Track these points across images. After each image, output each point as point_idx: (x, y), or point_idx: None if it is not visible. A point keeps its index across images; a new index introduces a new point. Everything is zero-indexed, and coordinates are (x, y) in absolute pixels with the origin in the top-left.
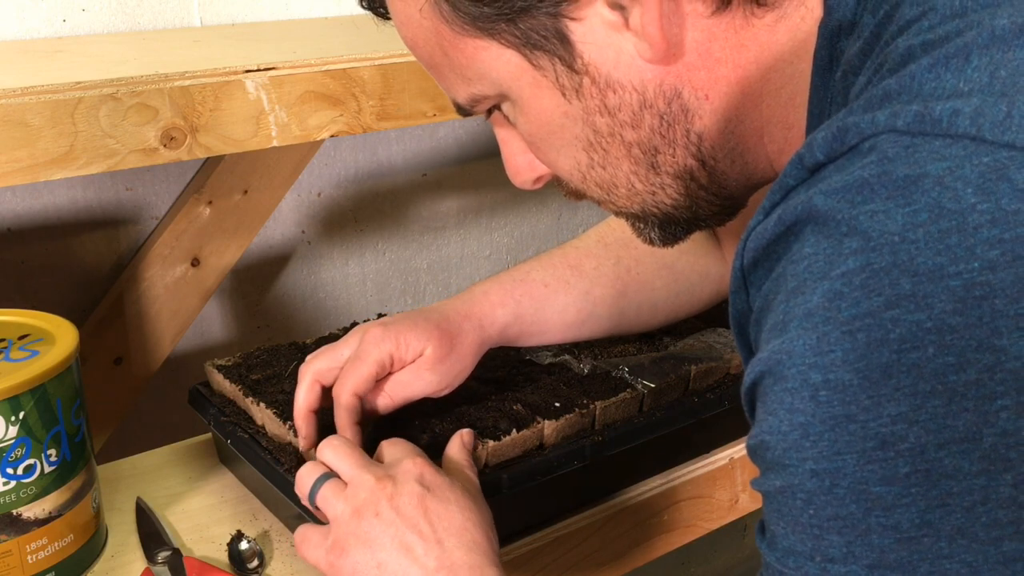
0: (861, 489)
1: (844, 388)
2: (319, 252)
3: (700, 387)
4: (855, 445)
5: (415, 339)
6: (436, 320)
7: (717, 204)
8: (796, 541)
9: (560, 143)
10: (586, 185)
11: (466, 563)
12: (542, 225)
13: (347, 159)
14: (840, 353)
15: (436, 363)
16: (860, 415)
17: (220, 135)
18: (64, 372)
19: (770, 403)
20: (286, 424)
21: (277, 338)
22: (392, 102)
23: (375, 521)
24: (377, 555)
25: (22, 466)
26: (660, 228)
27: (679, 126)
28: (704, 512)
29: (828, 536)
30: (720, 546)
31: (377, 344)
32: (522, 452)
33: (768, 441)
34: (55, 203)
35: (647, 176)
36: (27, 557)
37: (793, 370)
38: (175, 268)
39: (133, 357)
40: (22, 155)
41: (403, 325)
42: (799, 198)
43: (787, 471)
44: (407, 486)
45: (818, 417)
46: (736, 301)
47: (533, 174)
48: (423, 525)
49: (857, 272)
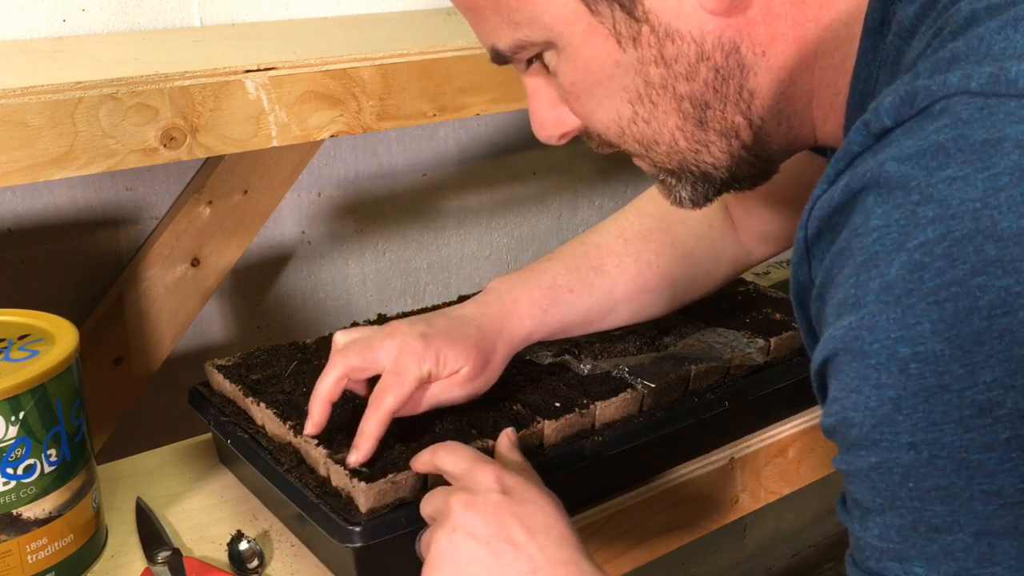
0: (962, 458)
1: (936, 359)
2: (319, 252)
3: (700, 387)
4: (952, 415)
5: (453, 358)
6: (474, 338)
7: (756, 166)
8: (895, 516)
9: (604, 94)
10: (623, 139)
11: (560, 559)
12: (542, 225)
13: (347, 159)
14: (928, 324)
15: (469, 381)
16: (955, 384)
17: (220, 135)
18: (64, 372)
19: (851, 380)
20: (286, 424)
21: (277, 338)
22: (392, 102)
23: (463, 538)
24: (467, 569)
25: (22, 466)
26: (693, 187)
27: (733, 81)
28: (704, 512)
29: (931, 507)
30: (720, 546)
31: (418, 362)
32: (522, 452)
33: (852, 418)
34: (55, 203)
35: (693, 132)
36: (27, 557)
37: (877, 345)
38: (175, 268)
39: (133, 357)
40: (22, 155)
41: (442, 341)
42: (867, 164)
43: (879, 447)
44: (487, 496)
45: (910, 390)
46: (798, 273)
47: (560, 129)
48: (512, 530)
49: (937, 241)
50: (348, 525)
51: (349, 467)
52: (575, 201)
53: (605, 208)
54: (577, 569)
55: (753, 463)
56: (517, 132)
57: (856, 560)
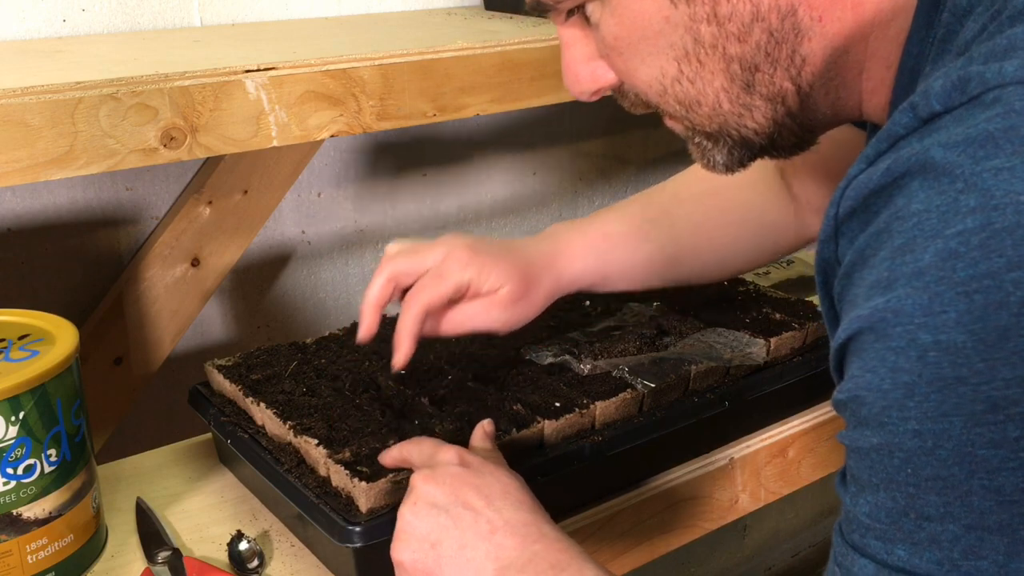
0: (966, 452)
1: (956, 350)
2: (319, 252)
3: (700, 387)
4: (964, 408)
5: (496, 275)
6: (521, 263)
7: (797, 135)
8: (888, 497)
9: (649, 51)
10: (664, 99)
11: (519, 520)
12: (542, 225)
13: (347, 159)
14: (954, 314)
15: (509, 304)
16: (972, 378)
17: (220, 135)
18: (64, 372)
19: (869, 360)
20: (286, 424)
21: (277, 338)
22: (392, 102)
23: (424, 508)
24: (431, 536)
25: (22, 466)
26: (728, 152)
27: (786, 45)
28: (704, 512)
29: (925, 495)
30: (720, 546)
31: (461, 268)
32: (522, 452)
33: (864, 397)
34: (55, 203)
35: (739, 95)
36: (27, 557)
37: (899, 329)
38: (175, 268)
39: (133, 357)
40: (22, 155)
41: (489, 257)
42: (912, 148)
43: (885, 429)
44: (446, 469)
45: (925, 378)
46: (824, 250)
47: (595, 85)
48: (469, 496)
49: (976, 231)
50: (348, 525)
51: (393, 371)
52: (575, 201)
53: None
54: (537, 530)
55: (753, 463)
56: (517, 132)
57: (843, 531)
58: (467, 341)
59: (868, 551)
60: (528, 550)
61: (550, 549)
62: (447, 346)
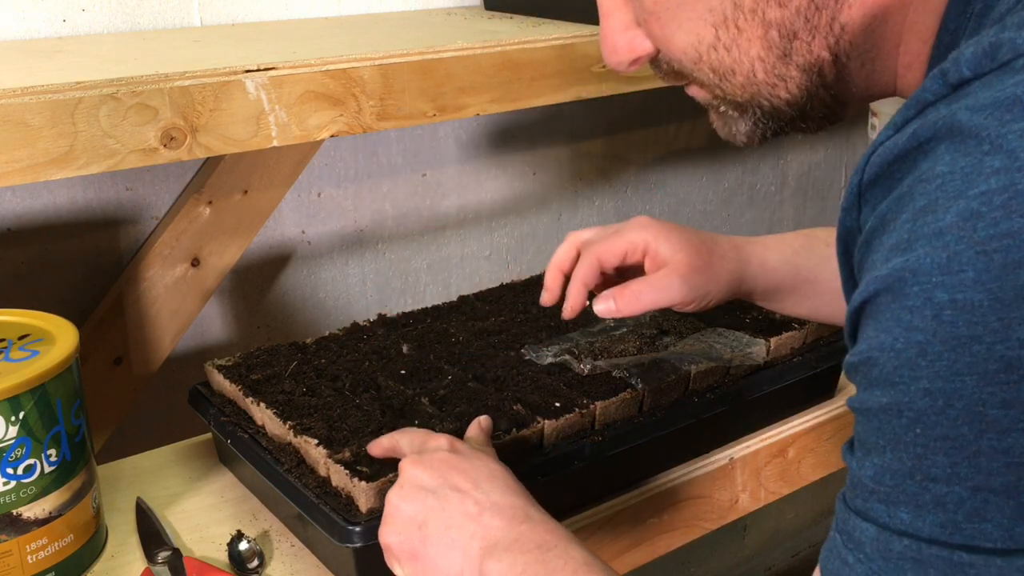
0: (977, 411)
1: (972, 309)
2: (319, 252)
3: (700, 387)
4: (977, 367)
5: (674, 240)
6: (704, 237)
7: (829, 107)
8: (894, 459)
9: (688, 16)
10: (699, 67)
11: (506, 503)
12: (542, 225)
13: (347, 159)
14: (972, 273)
15: (689, 272)
16: (987, 337)
17: (220, 135)
18: (64, 372)
19: (885, 320)
20: (286, 424)
21: (277, 338)
22: (392, 102)
23: (411, 490)
24: (417, 518)
25: (22, 466)
26: (754, 123)
27: (826, 12)
28: (704, 512)
29: (933, 456)
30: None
31: (639, 228)
32: (522, 452)
33: (877, 357)
34: (55, 203)
35: (775, 65)
36: (27, 557)
37: (916, 288)
38: (175, 268)
39: (133, 357)
40: (22, 155)
41: (669, 227)
42: (939, 113)
43: (896, 388)
44: (435, 455)
45: (939, 336)
46: (846, 219)
47: (632, 55)
48: (456, 479)
49: (999, 192)
50: (348, 525)
51: (564, 318)
52: (575, 201)
53: (605, 208)
54: (524, 512)
55: (753, 463)
56: (517, 132)
57: (847, 498)
58: (467, 341)
59: (870, 515)
60: (514, 530)
61: (536, 529)
62: (447, 346)
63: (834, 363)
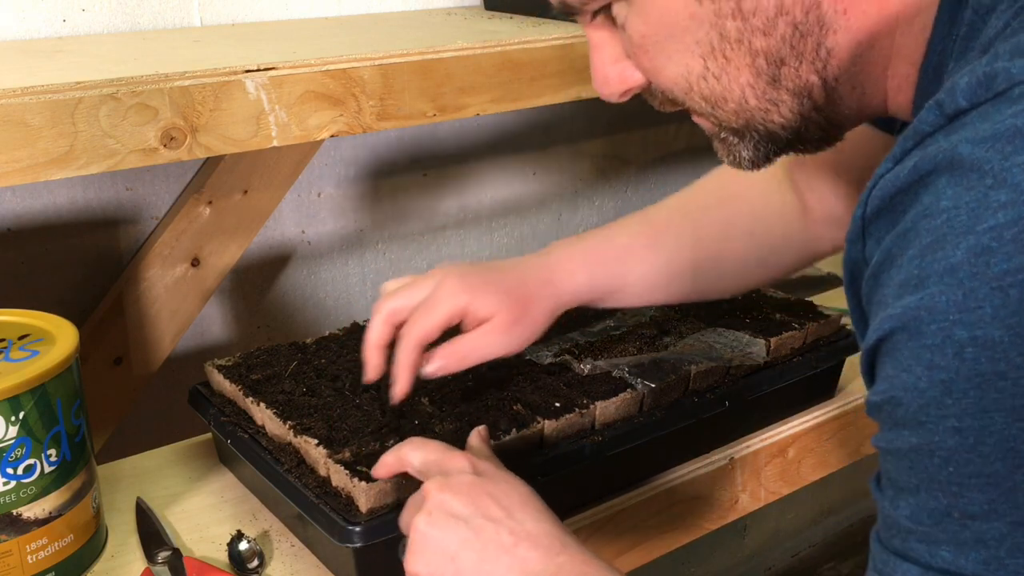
0: (1008, 447)
1: (994, 345)
2: (319, 252)
3: (700, 387)
4: (1005, 403)
5: (489, 300)
6: (514, 285)
7: (824, 129)
8: (930, 498)
9: (676, 48)
10: (690, 96)
11: (541, 531)
12: (542, 225)
13: (347, 159)
14: (990, 310)
15: (508, 327)
16: (1011, 373)
17: (220, 135)
18: (64, 372)
19: (904, 359)
20: (286, 424)
21: (277, 338)
22: (392, 102)
23: (442, 518)
24: (449, 549)
25: (22, 466)
26: (755, 147)
27: (811, 38)
28: (704, 512)
29: (968, 493)
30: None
31: (452, 296)
32: (522, 452)
33: (900, 397)
34: (55, 203)
35: (765, 90)
36: (27, 557)
37: (934, 327)
38: (175, 268)
39: (133, 357)
40: (22, 155)
41: (480, 282)
42: (938, 145)
43: (924, 428)
44: (460, 477)
45: (963, 374)
46: (851, 251)
47: (623, 86)
48: (489, 508)
49: (1008, 226)
50: (348, 525)
51: (392, 404)
52: (575, 201)
53: (605, 208)
54: (560, 541)
55: (753, 463)
56: (517, 132)
57: (882, 538)
58: None
59: (911, 555)
60: (552, 563)
61: (574, 561)
62: None
63: (834, 363)
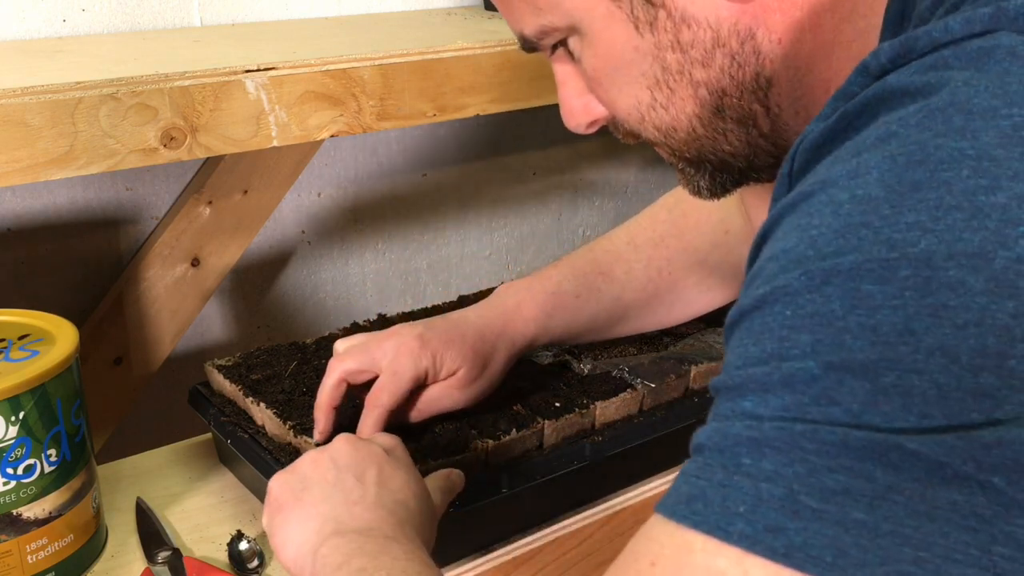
0: (851, 286)
1: (868, 200)
2: (319, 252)
3: (700, 387)
4: (862, 248)
5: (451, 359)
6: (472, 340)
7: (774, 156)
8: (756, 349)
9: (624, 80)
10: (644, 127)
11: (388, 510)
12: (542, 225)
13: (347, 159)
14: (876, 173)
15: (468, 383)
16: (876, 222)
17: (220, 135)
18: (64, 372)
19: (785, 227)
20: (286, 424)
21: (277, 338)
22: (392, 102)
23: (325, 459)
24: (307, 479)
25: (22, 466)
26: (711, 177)
27: (749, 68)
28: None
29: (796, 335)
30: None
31: (414, 361)
32: (522, 452)
33: (764, 265)
34: (55, 203)
35: (711, 120)
36: (27, 557)
37: (823, 195)
38: (175, 268)
39: (133, 357)
40: (22, 155)
41: (439, 342)
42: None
43: (775, 279)
44: (371, 443)
45: (832, 228)
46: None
47: (588, 117)
48: (368, 472)
49: (914, 114)
50: None
51: None
52: (575, 201)
53: (605, 208)
54: (399, 532)
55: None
56: (517, 132)
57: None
58: None
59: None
60: (375, 529)
61: (395, 545)
62: None
63: None
